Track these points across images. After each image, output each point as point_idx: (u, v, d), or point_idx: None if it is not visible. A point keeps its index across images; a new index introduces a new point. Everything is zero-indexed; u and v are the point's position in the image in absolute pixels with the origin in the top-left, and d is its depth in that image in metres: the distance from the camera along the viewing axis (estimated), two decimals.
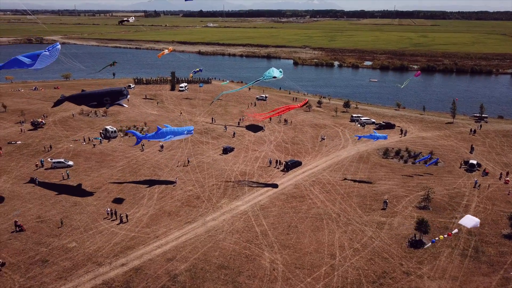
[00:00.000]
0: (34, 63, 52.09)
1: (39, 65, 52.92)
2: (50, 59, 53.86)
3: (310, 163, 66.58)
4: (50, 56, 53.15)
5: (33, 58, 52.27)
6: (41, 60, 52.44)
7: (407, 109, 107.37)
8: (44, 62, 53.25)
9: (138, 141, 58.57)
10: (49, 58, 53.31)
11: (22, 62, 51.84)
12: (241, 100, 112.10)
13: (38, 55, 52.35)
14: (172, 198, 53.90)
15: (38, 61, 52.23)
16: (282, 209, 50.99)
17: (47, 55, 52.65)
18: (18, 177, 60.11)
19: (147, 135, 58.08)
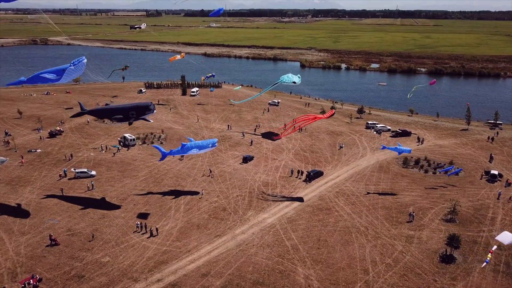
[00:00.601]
0: (60, 78, 51.65)
1: (64, 79, 52.66)
2: (76, 73, 53.72)
3: (331, 173, 66.85)
4: (75, 70, 52.74)
5: (58, 73, 51.68)
6: (67, 74, 52.02)
7: (420, 115, 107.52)
8: (70, 76, 53.00)
9: (163, 157, 58.61)
10: (75, 72, 53.02)
11: (46, 78, 51.23)
12: (254, 106, 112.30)
13: (64, 69, 51.86)
14: (199, 210, 54.20)
15: (64, 76, 51.73)
16: (310, 222, 51.29)
17: (72, 69, 52.16)
18: (42, 187, 60.44)
19: (172, 151, 58.18)
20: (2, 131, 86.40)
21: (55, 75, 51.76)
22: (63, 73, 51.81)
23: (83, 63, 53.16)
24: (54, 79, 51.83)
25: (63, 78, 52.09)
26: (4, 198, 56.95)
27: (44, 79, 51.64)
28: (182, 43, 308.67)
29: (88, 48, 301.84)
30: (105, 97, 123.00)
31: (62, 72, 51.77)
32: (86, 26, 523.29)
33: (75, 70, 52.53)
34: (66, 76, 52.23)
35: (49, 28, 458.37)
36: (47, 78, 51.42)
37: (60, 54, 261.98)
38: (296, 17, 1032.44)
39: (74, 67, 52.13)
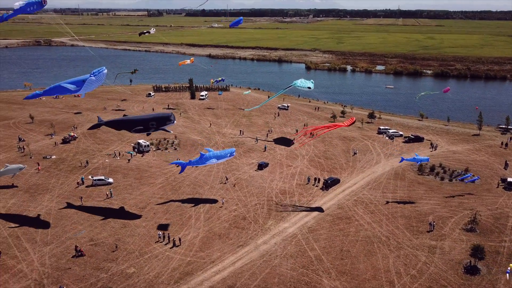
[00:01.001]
0: (79, 89, 51.12)
1: (84, 90, 52.11)
2: (97, 83, 53.22)
3: (347, 180, 66.97)
4: (96, 81, 52.19)
5: (78, 84, 51.07)
6: (87, 85, 51.37)
7: (430, 119, 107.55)
8: (90, 87, 52.44)
9: (182, 169, 58.61)
10: (96, 82, 52.37)
11: (66, 89, 50.73)
12: (264, 110, 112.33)
13: (84, 80, 51.20)
14: (219, 219, 54.34)
15: (84, 87, 51.20)
16: (331, 231, 51.41)
17: (93, 80, 51.53)
18: (61, 195, 60.60)
19: (191, 161, 58.25)
20: (15, 136, 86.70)
21: (75, 86, 51.09)
22: (83, 84, 51.20)
23: (104, 74, 52.82)
24: (73, 90, 51.27)
25: (83, 89, 51.43)
26: (24, 206, 57.12)
27: (64, 89, 51.19)
28: (186, 44, 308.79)
29: (92, 49, 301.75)
30: (114, 101, 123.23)
31: (82, 83, 51.15)
32: (88, 27, 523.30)
33: (96, 81, 52.05)
34: (86, 87, 51.63)
35: (51, 29, 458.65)
36: (66, 88, 50.99)
37: (64, 55, 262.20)
38: (298, 17, 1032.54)
39: (95, 77, 51.68)
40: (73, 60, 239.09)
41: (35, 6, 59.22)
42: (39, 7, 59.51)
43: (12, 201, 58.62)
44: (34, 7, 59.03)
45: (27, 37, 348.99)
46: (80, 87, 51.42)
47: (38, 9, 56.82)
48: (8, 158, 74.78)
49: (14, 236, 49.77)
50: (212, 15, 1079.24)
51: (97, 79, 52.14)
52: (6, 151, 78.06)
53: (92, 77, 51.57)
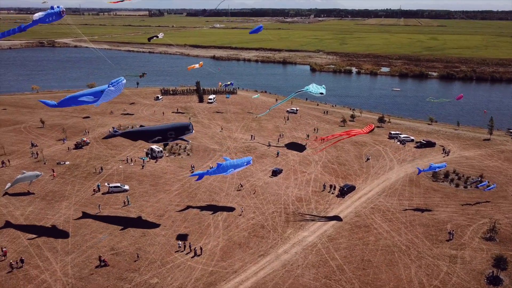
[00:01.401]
0: (97, 100, 50.65)
1: (102, 101, 51.65)
2: (115, 93, 53.04)
3: (362, 187, 67.07)
4: (115, 91, 51.91)
5: (96, 95, 50.56)
6: (106, 95, 50.88)
7: (439, 123, 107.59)
8: (108, 97, 51.98)
9: (199, 178, 58.65)
10: (114, 92, 52.04)
11: (84, 101, 50.16)
12: (273, 114, 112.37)
13: (102, 91, 50.65)
14: (238, 227, 54.44)
15: (102, 97, 50.71)
16: (350, 240, 51.50)
17: (112, 90, 51.11)
18: (78, 202, 60.71)
19: (208, 171, 58.24)
20: (27, 141, 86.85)
21: (93, 97, 50.37)
22: (101, 95, 50.54)
23: (122, 84, 52.62)
24: (91, 101, 50.65)
25: (101, 99, 50.96)
26: (42, 214, 57.23)
27: (82, 102, 50.80)
28: (190, 45, 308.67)
29: (89, 50, 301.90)
30: (123, 104, 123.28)
31: (100, 94, 50.46)
32: (90, 27, 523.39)
33: (115, 91, 51.84)
34: (104, 97, 51.09)
35: (53, 29, 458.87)
36: (84, 101, 50.53)
37: (68, 57, 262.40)
38: (299, 17, 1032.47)
39: (114, 88, 51.39)
40: (77, 62, 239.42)
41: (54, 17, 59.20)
42: (58, 17, 59.49)
43: (30, 208, 58.73)
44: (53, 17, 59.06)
45: (30, 38, 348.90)
46: (98, 98, 50.88)
47: (57, 20, 56.85)
48: (22, 164, 74.94)
49: (34, 245, 49.88)
50: (214, 15, 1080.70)
51: (116, 89, 51.85)
52: (20, 157, 78.17)
53: (111, 87, 51.23)
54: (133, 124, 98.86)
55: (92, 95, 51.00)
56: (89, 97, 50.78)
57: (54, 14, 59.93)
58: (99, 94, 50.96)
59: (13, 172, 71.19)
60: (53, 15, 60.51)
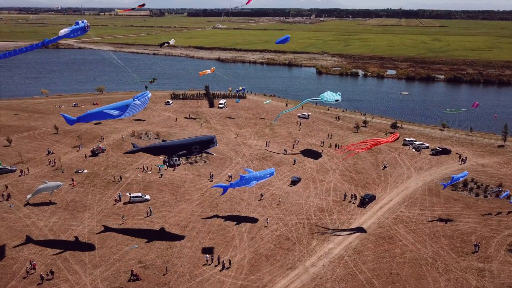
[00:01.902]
0: (123, 113, 50.87)
1: (127, 115, 51.99)
2: (141, 107, 53.20)
3: (383, 196, 67.18)
4: (141, 104, 52.07)
5: (121, 109, 50.73)
6: (131, 109, 51.27)
7: (451, 129, 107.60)
8: (134, 111, 52.27)
9: (224, 191, 58.64)
10: (140, 106, 52.25)
11: (109, 114, 50.32)
12: (285, 119, 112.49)
13: (127, 105, 50.82)
14: (263, 239, 54.53)
15: (127, 111, 51.06)
16: (376, 253, 51.61)
17: (137, 104, 51.34)
18: (101, 213, 60.79)
19: (232, 184, 58.25)
20: (43, 148, 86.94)
21: (118, 111, 50.63)
22: (127, 109, 50.79)
23: (148, 98, 52.74)
24: (117, 115, 50.66)
25: (126, 113, 51.31)
26: (66, 225, 57.32)
27: (106, 115, 50.67)
28: (194, 47, 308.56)
29: (99, 52, 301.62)
30: None
31: (126, 108, 50.68)
32: (92, 28, 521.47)
33: (141, 105, 52.10)
34: (130, 111, 51.53)
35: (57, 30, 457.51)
36: (109, 114, 50.43)
37: (73, 59, 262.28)
38: (300, 17, 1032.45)
39: (140, 102, 51.41)
40: (82, 64, 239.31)
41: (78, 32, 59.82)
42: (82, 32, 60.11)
43: (53, 219, 58.81)
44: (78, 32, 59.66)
45: (33, 39, 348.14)
46: (123, 112, 50.97)
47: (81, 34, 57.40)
48: (41, 172, 75.02)
49: (62, 258, 49.97)
50: (214, 15, 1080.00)
51: (142, 103, 52.07)
52: (37, 165, 78.24)
53: (137, 101, 51.28)
54: (147, 130, 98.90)
55: (117, 109, 51.08)
56: (115, 111, 50.85)
57: (79, 30, 60.91)
58: (124, 108, 51.06)
59: (32, 180, 71.37)
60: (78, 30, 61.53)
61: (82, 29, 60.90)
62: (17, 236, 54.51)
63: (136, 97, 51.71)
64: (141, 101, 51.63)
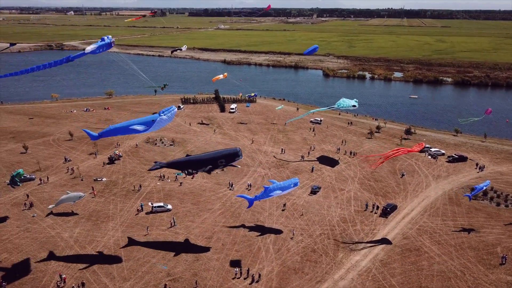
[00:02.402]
0: (149, 128, 50.94)
1: (153, 129, 52.04)
2: (167, 122, 53.30)
3: (404, 205, 67.20)
4: (167, 119, 52.16)
5: (147, 124, 50.68)
6: (157, 124, 51.28)
7: (465, 135, 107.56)
8: (160, 125, 52.24)
9: (250, 205, 58.52)
10: (166, 121, 52.27)
11: (134, 130, 50.27)
12: (298, 125, 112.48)
13: (154, 120, 50.77)
14: (289, 251, 54.56)
15: (153, 126, 51.05)
16: (404, 265, 51.63)
17: (164, 119, 51.29)
18: (124, 223, 60.81)
19: (257, 196, 58.13)
20: (59, 155, 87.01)
21: (145, 126, 50.57)
22: (153, 123, 50.82)
23: (174, 112, 52.82)
24: (143, 130, 50.75)
25: (152, 127, 51.33)
26: (90, 236, 57.36)
27: (132, 130, 50.54)
28: (199, 49, 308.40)
29: (104, 53, 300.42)
30: (145, 114, 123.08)
31: (152, 123, 50.70)
32: (95, 28, 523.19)
33: (167, 119, 52.26)
34: (155, 126, 51.60)
35: (59, 31, 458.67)
36: (136, 130, 50.35)
37: (79, 60, 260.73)
38: (302, 17, 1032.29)
39: (166, 116, 51.41)
40: (89, 66, 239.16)
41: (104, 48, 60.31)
42: (108, 47, 60.76)
43: (77, 230, 58.87)
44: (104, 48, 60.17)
45: (38, 40, 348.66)
46: (149, 127, 50.99)
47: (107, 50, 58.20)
48: (59, 180, 75.06)
49: (90, 271, 50.00)
50: (216, 15, 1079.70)
51: (168, 117, 52.17)
52: (55, 173, 78.28)
53: (163, 116, 51.34)
54: (161, 136, 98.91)
55: (143, 124, 50.96)
56: (141, 126, 50.77)
57: (105, 46, 61.80)
58: (150, 123, 51.03)
59: (52, 189, 71.43)
60: (104, 46, 62.45)
61: (108, 44, 61.55)
62: (43, 247, 54.58)
63: (162, 112, 51.67)
64: (167, 116, 51.72)
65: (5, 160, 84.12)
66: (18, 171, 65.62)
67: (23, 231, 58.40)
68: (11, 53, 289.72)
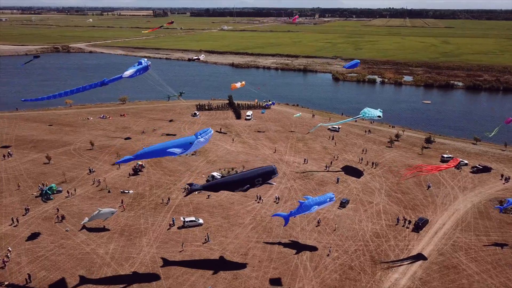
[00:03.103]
0: (186, 150, 51.98)
1: (190, 151, 53.27)
2: (203, 144, 54.05)
3: (435, 219, 67.12)
4: (204, 142, 53.03)
5: (184, 146, 51.53)
6: (195, 146, 52.43)
7: (484, 142, 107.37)
8: (197, 146, 53.37)
9: (286, 222, 58.37)
10: (203, 143, 53.33)
11: (171, 153, 50.80)
12: (315, 132, 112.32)
13: (191, 142, 51.77)
14: (326, 268, 54.49)
15: (191, 148, 52.22)
16: (444, 284, 51.54)
17: (201, 141, 52.35)
18: (157, 239, 60.72)
19: (292, 212, 57.97)
20: (82, 165, 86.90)
21: (182, 148, 51.44)
22: (190, 146, 51.93)
23: (211, 134, 53.68)
24: (180, 152, 51.58)
25: (190, 149, 52.48)
26: (126, 252, 57.26)
27: (170, 153, 51.08)
28: (205, 51, 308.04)
29: (111, 56, 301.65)
30: (161, 121, 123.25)
31: (189, 145, 51.79)
32: (98, 30, 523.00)
33: (203, 142, 53.05)
34: (193, 147, 52.71)
35: (65, 33, 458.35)
36: (173, 153, 50.88)
37: (86, 64, 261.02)
38: (304, 17, 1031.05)
39: (203, 138, 52.28)
40: (97, 70, 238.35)
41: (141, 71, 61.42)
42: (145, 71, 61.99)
43: (112, 246, 58.81)
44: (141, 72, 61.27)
45: (43, 42, 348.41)
46: (186, 149, 51.96)
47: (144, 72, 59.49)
48: (86, 192, 74.96)
49: None
50: (217, 15, 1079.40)
51: (205, 139, 52.88)
52: (81, 184, 78.18)
53: (200, 139, 52.10)
54: None
55: (180, 146, 51.51)
56: (178, 149, 51.27)
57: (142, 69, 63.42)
58: (188, 146, 51.94)
59: (81, 202, 71.35)
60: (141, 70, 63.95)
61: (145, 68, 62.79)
62: (80, 264, 54.51)
63: (199, 134, 52.56)
64: (204, 138, 52.57)
65: (30, 171, 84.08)
66: (51, 186, 65.62)
67: (57, 247, 58.35)
68: (18, 56, 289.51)
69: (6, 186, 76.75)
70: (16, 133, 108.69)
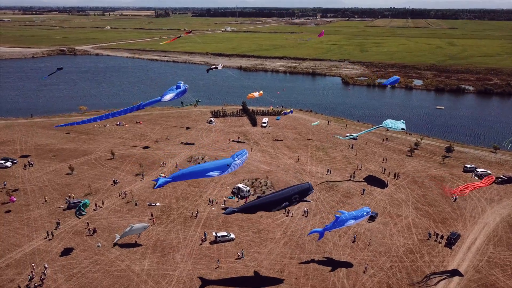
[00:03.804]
0: (223, 172, 53.70)
1: (228, 172, 54.78)
2: (239, 165, 55.65)
3: (466, 234, 66.97)
4: (240, 163, 54.77)
5: (223, 168, 53.39)
6: (232, 168, 54.08)
7: (503, 151, 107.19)
8: (234, 168, 54.97)
9: (321, 236, 58.24)
10: (239, 165, 55.03)
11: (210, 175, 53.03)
12: (334, 140, 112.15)
13: (229, 165, 53.41)
14: (364, 286, 54.29)
15: (228, 170, 53.88)
16: None
17: (237, 163, 54.05)
18: (191, 254, 60.54)
19: (326, 226, 57.84)
20: (105, 176, 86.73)
21: (220, 171, 53.37)
22: (228, 168, 53.60)
23: (246, 157, 55.72)
24: (218, 174, 53.61)
25: (227, 171, 54.22)
26: (161, 269, 57.10)
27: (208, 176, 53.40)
28: (212, 54, 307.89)
29: (117, 58, 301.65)
30: (178, 128, 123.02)
31: (227, 168, 53.53)
32: (102, 31, 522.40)
33: (239, 164, 54.78)
34: (230, 169, 54.28)
35: (69, 34, 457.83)
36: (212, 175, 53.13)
37: (94, 67, 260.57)
38: (306, 17, 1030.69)
39: (240, 161, 54.10)
40: (105, 73, 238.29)
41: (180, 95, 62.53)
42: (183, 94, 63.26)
43: (146, 262, 58.66)
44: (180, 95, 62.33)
45: (50, 44, 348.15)
46: (223, 171, 53.67)
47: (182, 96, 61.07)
48: (113, 205, 74.81)
49: None
50: (219, 15, 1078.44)
51: (241, 161, 54.69)
52: (107, 196, 78.01)
53: (237, 161, 53.93)
54: (203, 155, 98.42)
55: (218, 169, 53.41)
56: (216, 171, 53.26)
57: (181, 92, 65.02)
58: (225, 168, 53.76)
59: (109, 215, 71.20)
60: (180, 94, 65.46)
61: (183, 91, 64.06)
62: (117, 282, 54.36)
63: (236, 156, 54.39)
64: (240, 160, 54.46)
65: (53, 182, 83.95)
66: (84, 201, 65.54)
67: (92, 263, 58.21)
68: (25, 59, 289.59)
69: (33, 199, 76.65)
70: (35, 141, 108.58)
